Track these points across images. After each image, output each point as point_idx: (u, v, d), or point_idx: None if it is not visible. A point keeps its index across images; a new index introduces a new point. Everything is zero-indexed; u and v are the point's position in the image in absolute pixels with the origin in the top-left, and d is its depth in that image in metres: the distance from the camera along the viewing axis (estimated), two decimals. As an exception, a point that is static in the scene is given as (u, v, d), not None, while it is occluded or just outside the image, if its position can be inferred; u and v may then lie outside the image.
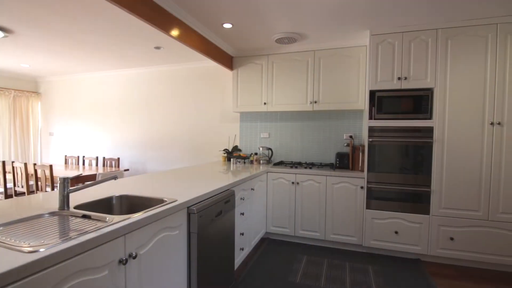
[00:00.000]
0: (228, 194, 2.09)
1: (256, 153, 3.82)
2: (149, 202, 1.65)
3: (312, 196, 3.10)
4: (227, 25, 2.84)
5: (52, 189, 3.22)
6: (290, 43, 3.29)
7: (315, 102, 3.35)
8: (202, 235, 1.69)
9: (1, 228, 1.11)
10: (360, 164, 3.15)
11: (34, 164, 3.31)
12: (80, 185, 1.55)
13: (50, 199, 1.57)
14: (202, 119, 4.33)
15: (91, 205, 1.53)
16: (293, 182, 3.16)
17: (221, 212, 1.96)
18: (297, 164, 3.46)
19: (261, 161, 3.65)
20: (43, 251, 0.88)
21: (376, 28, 2.83)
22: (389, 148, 2.83)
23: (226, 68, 3.69)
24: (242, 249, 2.54)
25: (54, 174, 3.46)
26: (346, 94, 3.24)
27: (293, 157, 3.81)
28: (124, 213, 1.68)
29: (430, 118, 2.73)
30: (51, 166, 3.17)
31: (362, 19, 2.64)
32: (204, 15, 2.62)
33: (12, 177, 3.54)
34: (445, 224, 2.70)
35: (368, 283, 2.36)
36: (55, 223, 1.20)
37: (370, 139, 2.88)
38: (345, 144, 3.57)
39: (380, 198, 2.87)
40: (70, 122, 5.31)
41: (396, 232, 2.82)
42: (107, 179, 1.47)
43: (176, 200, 1.55)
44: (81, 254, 0.98)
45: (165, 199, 1.59)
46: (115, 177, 1.48)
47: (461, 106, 2.64)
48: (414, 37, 2.74)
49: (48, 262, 0.87)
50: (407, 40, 2.76)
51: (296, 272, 2.53)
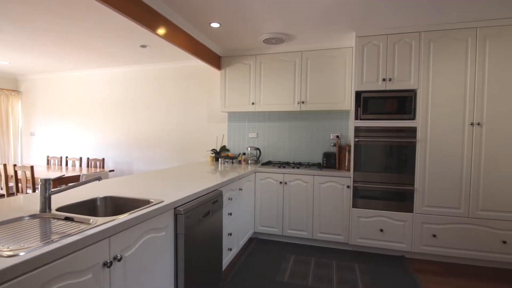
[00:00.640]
0: (216, 194, 2.08)
1: (244, 153, 3.82)
2: (134, 203, 1.62)
3: (299, 196, 3.13)
4: (214, 25, 2.82)
5: (34, 191, 3.12)
6: (277, 44, 3.31)
7: (303, 102, 3.38)
8: (189, 236, 1.67)
9: (-22, 232, 1.06)
10: (346, 164, 3.20)
11: (14, 165, 3.19)
12: (63, 186, 1.51)
13: (31, 201, 1.52)
14: (189, 119, 4.29)
15: (74, 207, 1.49)
16: (281, 182, 3.18)
17: (208, 213, 1.94)
18: (285, 164, 3.48)
19: (249, 161, 3.65)
20: (23, 255, 0.86)
21: (361, 30, 2.88)
22: (375, 148, 2.89)
23: (214, 68, 3.67)
24: (230, 249, 2.53)
25: (35, 176, 3.35)
26: (333, 95, 3.28)
27: (281, 157, 3.84)
28: (109, 214, 1.65)
29: (414, 118, 2.80)
30: (32, 167, 3.07)
31: (348, 20, 2.68)
32: (191, 14, 2.60)
33: (-10, 179, 3.41)
34: (428, 221, 2.78)
35: (354, 281, 2.40)
36: (36, 226, 1.16)
37: (356, 139, 2.93)
38: (332, 144, 3.62)
39: (366, 197, 2.92)
40: (53, 122, 5.16)
41: (382, 230, 2.88)
42: (91, 180, 1.44)
43: (163, 201, 1.54)
44: (64, 257, 0.95)
45: (151, 200, 1.57)
46: (99, 178, 1.45)
47: (443, 107, 2.72)
48: (398, 39, 2.81)
49: (29, 267, 0.84)
50: (392, 42, 2.82)
51: (284, 271, 2.55)
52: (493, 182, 2.62)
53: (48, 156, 4.73)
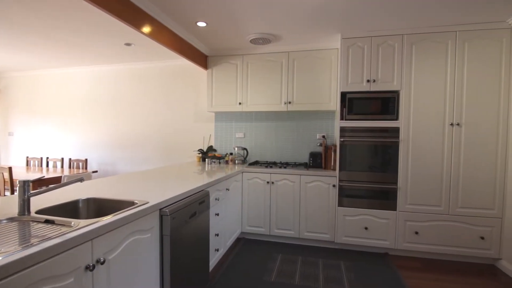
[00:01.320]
0: (202, 194, 2.06)
1: (231, 153, 3.81)
2: (118, 205, 1.59)
3: (286, 195, 3.15)
4: (201, 24, 2.80)
5: (12, 193, 3.01)
6: (264, 44, 3.32)
7: (289, 102, 3.41)
8: (175, 237, 1.66)
9: (-49, 236, 1.02)
10: (332, 163, 3.25)
11: (-9, 167, 3.06)
12: (43, 188, 1.47)
13: (8, 204, 1.47)
14: (176, 118, 4.24)
15: (55, 209, 1.44)
16: (268, 182, 3.19)
17: (195, 213, 1.93)
18: (272, 164, 3.50)
19: (236, 161, 3.64)
20: (0, 259, 0.82)
21: (347, 31, 2.93)
22: (359, 148, 2.94)
23: (201, 67, 3.64)
24: (217, 250, 2.52)
25: (13, 177, 3.22)
26: (319, 95, 3.32)
27: (268, 157, 3.85)
28: (91, 217, 1.61)
29: (397, 119, 2.87)
30: (10, 168, 2.95)
31: (334, 22, 2.72)
32: (177, 12, 2.57)
33: (-36, 181, 3.26)
34: (410, 219, 2.85)
35: (340, 278, 2.44)
36: (14, 229, 1.12)
37: (342, 139, 2.98)
38: (318, 144, 3.66)
39: (351, 196, 2.97)
40: (33, 121, 4.98)
41: (366, 228, 2.94)
42: (72, 182, 1.40)
43: (148, 202, 1.51)
44: (44, 261, 0.92)
45: (136, 201, 1.54)
46: (81, 179, 1.41)
47: (424, 108, 2.80)
48: (382, 42, 2.87)
49: (7, 271, 0.81)
50: (376, 44, 2.89)
51: (271, 271, 2.56)
52: (472, 180, 2.72)
53: (27, 157, 4.56)
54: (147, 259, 1.47)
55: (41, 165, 4.49)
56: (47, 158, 4.51)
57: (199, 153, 3.93)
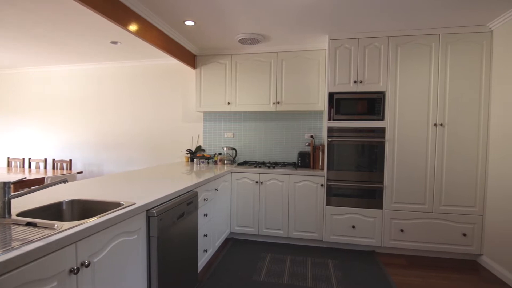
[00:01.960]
0: (190, 195, 2.05)
1: (220, 153, 3.79)
2: (104, 207, 1.55)
3: (275, 195, 3.16)
4: (189, 23, 2.78)
5: (-8, 195, 2.89)
6: (253, 44, 3.32)
7: (278, 102, 3.42)
8: (163, 238, 1.64)
9: None
10: (320, 163, 3.28)
11: (-31, 168, 2.94)
12: (25, 190, 1.42)
13: (-13, 206, 1.41)
14: (163, 118, 4.19)
15: (38, 211, 1.40)
16: (257, 182, 3.20)
17: (183, 214, 1.91)
18: (261, 164, 3.51)
19: (225, 161, 3.63)
20: (-23, 265, 0.79)
21: (334, 33, 2.97)
22: (347, 147, 2.99)
23: (189, 67, 3.61)
24: (206, 250, 2.51)
25: (-7, 179, 3.11)
26: (307, 96, 3.35)
27: (257, 157, 3.86)
28: (76, 219, 1.57)
29: (383, 119, 2.93)
30: (-10, 169, 2.85)
31: (322, 23, 2.75)
32: (164, 10, 2.54)
33: None
34: (396, 217, 2.92)
35: (328, 276, 2.47)
36: (-6, 233, 1.08)
37: (329, 139, 3.01)
38: (307, 144, 3.69)
39: (339, 195, 3.01)
40: (14, 121, 4.81)
41: (353, 227, 2.99)
42: (55, 183, 1.36)
43: (134, 203, 1.49)
44: (26, 265, 0.89)
45: (122, 202, 1.51)
46: (64, 181, 1.38)
47: (409, 108, 2.87)
48: (368, 43, 2.92)
49: (-16, 277, 0.78)
50: (362, 46, 2.93)
51: (260, 270, 2.56)
52: (454, 179, 2.81)
53: (8, 158, 4.41)
54: (134, 261, 1.45)
55: (23, 166, 4.35)
56: (30, 159, 4.37)
57: (187, 153, 3.90)
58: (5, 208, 1.23)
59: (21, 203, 1.47)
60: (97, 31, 3.04)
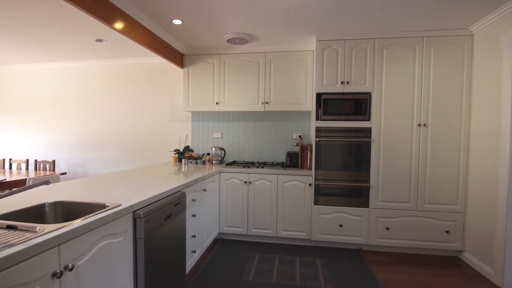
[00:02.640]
0: (178, 196, 2.03)
1: (208, 153, 3.77)
2: (89, 208, 1.52)
3: (264, 195, 3.17)
4: (176, 21, 2.75)
5: (-31, 197, 2.78)
6: (241, 44, 3.32)
7: (267, 102, 3.43)
8: (149, 240, 1.61)
9: None
10: (308, 163, 3.31)
11: None
12: (6, 191, 1.37)
13: (-36, 209, 1.36)
14: (151, 118, 4.13)
15: (19, 214, 1.36)
16: (245, 182, 3.20)
17: (171, 215, 1.89)
18: (249, 164, 3.51)
19: (213, 162, 3.62)
20: (-47, 270, 0.76)
21: (322, 34, 3.00)
22: (334, 147, 3.03)
23: (177, 66, 3.57)
24: (194, 251, 2.49)
25: (-29, 181, 2.99)
26: (295, 96, 3.38)
27: (246, 157, 3.85)
28: (59, 221, 1.53)
29: (369, 119, 2.98)
30: (-33, 171, 2.74)
31: (310, 25, 2.78)
32: (151, 9, 2.51)
33: None
34: (382, 215, 2.98)
35: (316, 275, 2.50)
36: (-29, 237, 1.04)
37: (317, 139, 3.05)
38: (295, 144, 3.72)
39: (326, 194, 3.05)
40: (-7, 121, 4.64)
41: (341, 225, 3.03)
42: (37, 184, 1.32)
43: (120, 205, 1.46)
44: (6, 269, 0.86)
45: (107, 204, 1.48)
46: (47, 182, 1.34)
47: (394, 109, 2.93)
48: (355, 45, 2.97)
49: (-39, 283, 0.75)
50: (349, 47, 2.98)
51: (248, 270, 2.57)
52: (437, 177, 2.89)
53: (-13, 159, 4.25)
54: (120, 263, 1.42)
55: (4, 167, 4.20)
56: (10, 159, 4.22)
57: (175, 154, 3.86)
58: (-17, 211, 1.19)
59: (1, 206, 1.42)
60: (81, 28, 2.96)
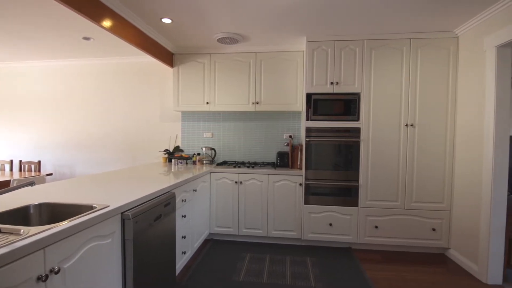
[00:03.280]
0: (168, 196, 2.01)
1: (199, 154, 3.75)
2: (75, 210, 1.49)
3: (255, 195, 3.17)
4: (166, 20, 2.72)
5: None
6: (232, 44, 3.31)
7: (257, 102, 3.43)
8: (138, 241, 1.59)
9: None
10: (299, 163, 3.33)
11: None
12: (-14, 194, 1.33)
13: None
14: (140, 118, 4.07)
15: (2, 216, 1.32)
16: (236, 182, 3.19)
17: (160, 216, 1.87)
18: (240, 164, 3.50)
19: (204, 162, 3.60)
20: None
21: (312, 35, 3.02)
22: (324, 147, 3.06)
23: (166, 65, 3.54)
24: (184, 252, 2.47)
25: (-48, 182, 2.89)
26: (285, 96, 3.39)
27: (236, 157, 3.85)
28: (44, 223, 1.49)
29: (358, 119, 3.02)
30: None
31: (300, 25, 2.79)
32: (140, 7, 2.47)
33: None
34: (370, 214, 3.02)
35: (306, 274, 2.51)
36: (-49, 240, 1.00)
37: (307, 139, 3.07)
38: (285, 144, 3.74)
39: (316, 193, 3.08)
40: (-25, 120, 4.49)
41: (331, 224, 3.06)
42: (22, 186, 1.29)
43: (108, 206, 1.44)
44: (-13, 274, 0.84)
45: (94, 205, 1.45)
46: (32, 183, 1.31)
47: (383, 110, 2.98)
48: (344, 46, 3.00)
49: None
50: (339, 48, 3.01)
51: (239, 270, 2.56)
52: (424, 176, 2.95)
53: (-31, 160, 4.11)
54: (108, 265, 1.40)
55: (-14, 168, 4.07)
56: (-7, 160, 4.10)
57: (165, 154, 3.82)
58: (-36, 213, 1.15)
59: (-17, 208, 1.38)
60: (68, 26, 2.90)
